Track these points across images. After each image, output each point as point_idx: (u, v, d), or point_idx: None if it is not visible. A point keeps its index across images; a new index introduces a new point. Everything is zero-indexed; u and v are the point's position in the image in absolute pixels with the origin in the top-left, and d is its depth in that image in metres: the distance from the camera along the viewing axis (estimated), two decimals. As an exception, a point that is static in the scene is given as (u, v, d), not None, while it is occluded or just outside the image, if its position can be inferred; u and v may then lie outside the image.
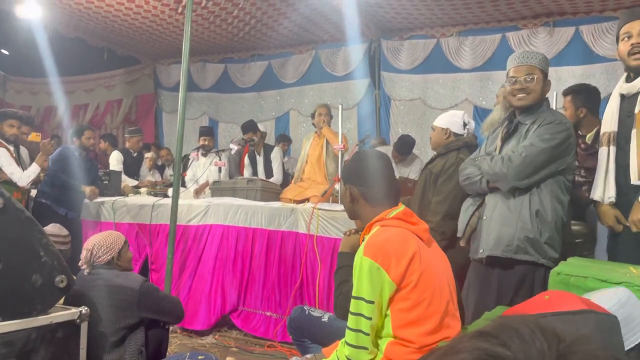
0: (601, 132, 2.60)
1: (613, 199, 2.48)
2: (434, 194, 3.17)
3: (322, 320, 2.44)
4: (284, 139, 6.81)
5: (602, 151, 2.57)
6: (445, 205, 3.07)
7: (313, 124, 5.02)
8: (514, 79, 2.52)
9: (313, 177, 4.85)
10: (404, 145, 5.21)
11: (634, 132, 2.41)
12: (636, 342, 1.07)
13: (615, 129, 2.51)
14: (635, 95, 2.42)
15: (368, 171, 1.92)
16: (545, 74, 2.53)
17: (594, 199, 2.59)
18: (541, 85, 2.52)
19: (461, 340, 0.49)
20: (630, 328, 1.08)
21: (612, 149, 2.51)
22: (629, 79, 2.48)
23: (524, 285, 2.38)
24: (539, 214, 2.41)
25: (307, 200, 4.35)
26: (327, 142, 4.81)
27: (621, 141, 2.48)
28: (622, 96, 2.49)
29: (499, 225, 2.48)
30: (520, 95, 2.51)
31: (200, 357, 1.77)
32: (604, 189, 2.52)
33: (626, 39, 2.44)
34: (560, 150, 2.42)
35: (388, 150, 5.35)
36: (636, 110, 2.42)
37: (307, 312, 2.51)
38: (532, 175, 2.41)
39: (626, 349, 1.06)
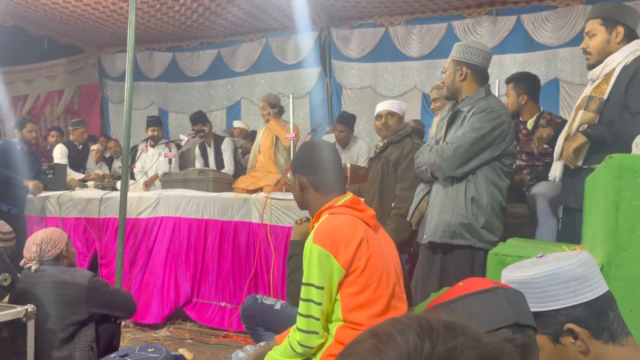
0: None
1: (557, 179, 2.62)
2: (398, 181, 3.22)
3: (275, 308, 2.47)
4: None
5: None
6: (412, 192, 3.10)
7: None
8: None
9: (267, 167, 4.85)
10: (348, 118, 5.16)
11: (572, 113, 2.53)
12: (589, 299, 1.21)
13: None
14: (595, 81, 2.48)
15: (316, 161, 1.95)
16: (461, 63, 2.61)
17: (549, 178, 2.71)
18: (452, 75, 2.64)
19: (358, 341, 0.54)
20: (586, 285, 1.22)
21: None
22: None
23: (464, 269, 2.49)
24: (474, 200, 2.51)
25: (260, 189, 4.35)
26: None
27: None
28: (591, 82, 2.55)
29: (438, 212, 2.59)
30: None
31: (150, 350, 1.76)
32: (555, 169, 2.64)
33: (586, 37, 2.52)
34: (493, 138, 2.51)
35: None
36: (582, 95, 2.50)
37: (259, 301, 2.53)
38: (465, 164, 2.51)
39: (579, 302, 1.20)
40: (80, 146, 5.87)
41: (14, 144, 4.83)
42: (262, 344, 2.11)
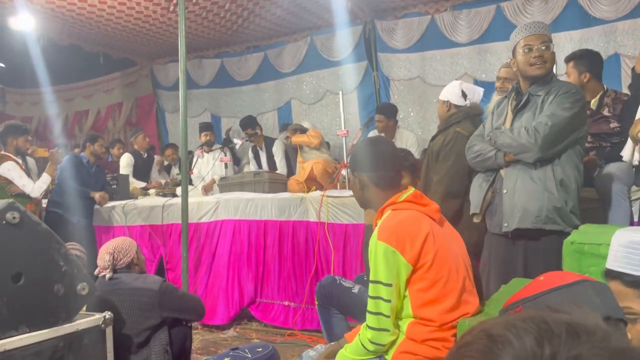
0: None
1: (638, 161, 2.50)
2: (434, 172, 3.12)
3: (352, 291, 2.47)
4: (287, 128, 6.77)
5: None
6: (442, 186, 3.02)
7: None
8: (529, 47, 2.47)
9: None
10: (385, 107, 5.07)
11: None
12: None
13: None
14: None
15: (374, 157, 1.94)
16: (552, 46, 2.54)
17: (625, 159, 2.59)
18: (553, 55, 2.53)
19: (469, 342, 0.51)
20: None
21: None
22: None
23: (551, 256, 2.35)
24: (563, 183, 2.40)
25: (314, 188, 4.38)
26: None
27: None
28: None
29: (524, 197, 2.45)
30: (539, 64, 2.49)
31: (258, 350, 1.83)
32: (632, 152, 2.51)
33: None
34: (580, 119, 2.44)
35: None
36: None
37: (338, 282, 2.55)
38: (558, 144, 2.41)
39: None
40: (145, 155, 6.10)
41: (80, 158, 5.07)
42: (332, 343, 2.12)
